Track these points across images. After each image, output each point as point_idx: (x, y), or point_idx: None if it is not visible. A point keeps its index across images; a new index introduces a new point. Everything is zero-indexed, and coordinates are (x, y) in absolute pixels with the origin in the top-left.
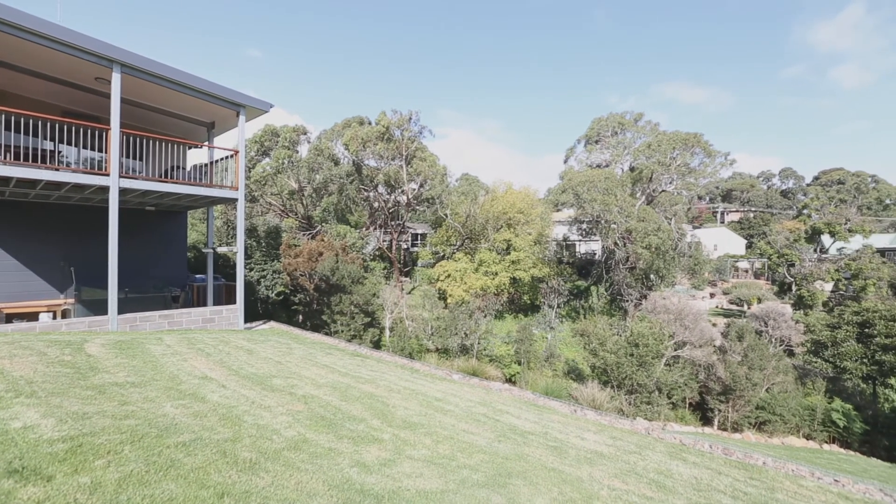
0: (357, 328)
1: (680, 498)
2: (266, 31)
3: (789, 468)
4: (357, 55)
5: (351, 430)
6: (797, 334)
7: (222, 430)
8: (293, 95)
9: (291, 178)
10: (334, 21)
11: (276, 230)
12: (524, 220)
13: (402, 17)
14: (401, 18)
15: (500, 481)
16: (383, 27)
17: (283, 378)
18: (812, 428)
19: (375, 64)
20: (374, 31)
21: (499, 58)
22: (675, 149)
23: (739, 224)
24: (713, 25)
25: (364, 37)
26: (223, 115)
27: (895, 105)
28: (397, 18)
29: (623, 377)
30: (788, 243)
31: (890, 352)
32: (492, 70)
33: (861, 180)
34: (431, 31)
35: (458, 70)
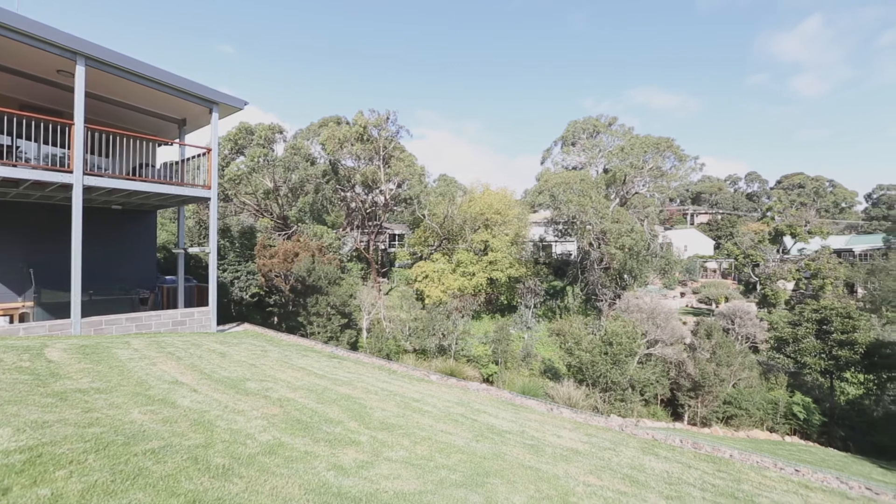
0: (334, 329)
1: (652, 492)
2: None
3: (754, 460)
4: (333, 54)
5: (328, 432)
6: (761, 332)
7: (194, 436)
8: (268, 93)
9: (267, 178)
10: (309, 18)
11: (250, 230)
12: (501, 221)
13: (378, 16)
14: (377, 18)
15: (478, 480)
16: (360, 26)
17: (258, 381)
18: (775, 421)
19: (352, 63)
20: (350, 30)
21: (477, 59)
22: (647, 152)
23: (708, 226)
24: (682, 34)
25: (340, 35)
26: (195, 112)
27: (850, 114)
28: (374, 17)
29: (598, 375)
30: (753, 244)
31: (845, 347)
32: (470, 71)
33: (820, 185)
34: (408, 31)
35: (436, 70)
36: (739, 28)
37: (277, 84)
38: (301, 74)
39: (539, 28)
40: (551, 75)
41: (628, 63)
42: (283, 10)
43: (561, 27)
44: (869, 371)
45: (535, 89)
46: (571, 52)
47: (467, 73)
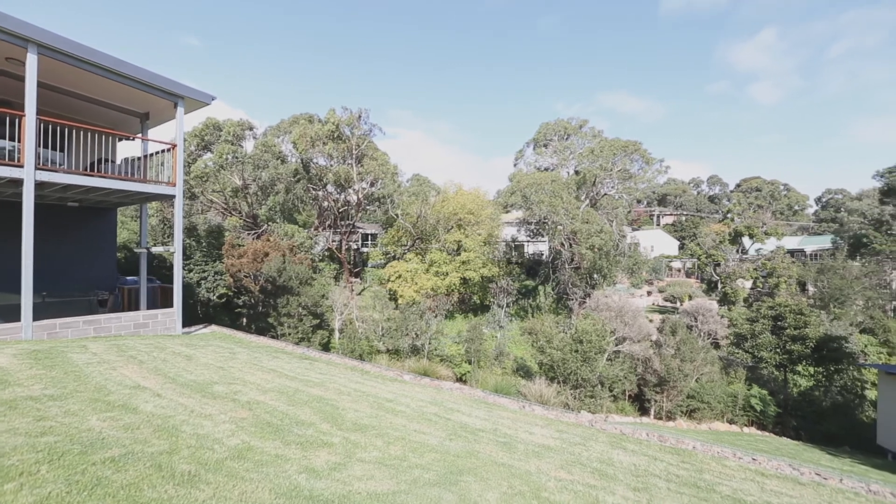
0: (305, 330)
1: (620, 484)
2: (204, 17)
3: (715, 451)
4: (304, 50)
5: (299, 435)
6: (722, 328)
7: (157, 443)
8: (236, 89)
9: (235, 175)
10: (279, 12)
11: (218, 229)
12: (474, 221)
13: (348, 14)
14: (347, 16)
15: (452, 479)
16: (330, 23)
17: (226, 384)
18: (734, 413)
19: (323, 61)
20: (320, 27)
21: (450, 59)
22: (616, 155)
23: (673, 226)
24: (648, 41)
25: (311, 32)
26: (159, 105)
27: (802, 121)
28: (344, 16)
29: (569, 373)
30: (715, 244)
31: (798, 342)
32: (443, 71)
33: (775, 188)
34: (380, 30)
35: (410, 70)
36: (701, 36)
37: (246, 79)
38: (271, 71)
39: (511, 30)
40: (524, 77)
41: (598, 67)
42: (251, 1)
43: (532, 30)
44: (818, 364)
45: (508, 91)
46: (543, 56)
47: (441, 74)
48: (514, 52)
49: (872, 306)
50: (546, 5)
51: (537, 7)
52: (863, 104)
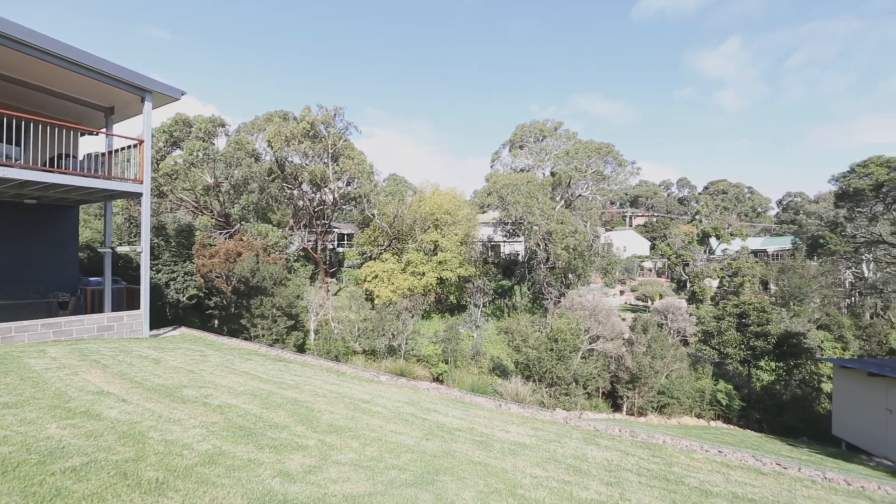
0: (280, 332)
1: (593, 479)
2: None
3: (683, 444)
4: (278, 47)
5: (273, 438)
6: (691, 326)
7: (122, 450)
8: (207, 84)
9: (206, 173)
10: (252, 9)
11: (188, 228)
12: (451, 221)
13: (326, 12)
14: (325, 14)
15: (429, 479)
16: (306, 21)
17: (196, 388)
18: (702, 408)
19: (298, 58)
20: (296, 24)
21: (426, 59)
22: (590, 157)
23: (644, 227)
24: (620, 46)
25: (286, 29)
26: (125, 99)
27: (765, 127)
28: (321, 14)
29: (544, 371)
30: (684, 245)
31: (761, 338)
32: (419, 71)
33: (740, 191)
34: (355, 29)
35: (385, 69)
36: (670, 43)
37: (217, 75)
38: (243, 67)
39: (486, 32)
40: (499, 79)
41: (572, 70)
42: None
43: (507, 32)
44: (779, 359)
45: (484, 92)
46: (518, 57)
47: (416, 73)
48: (490, 53)
49: (828, 304)
50: (521, 8)
51: (512, 9)
52: (820, 112)
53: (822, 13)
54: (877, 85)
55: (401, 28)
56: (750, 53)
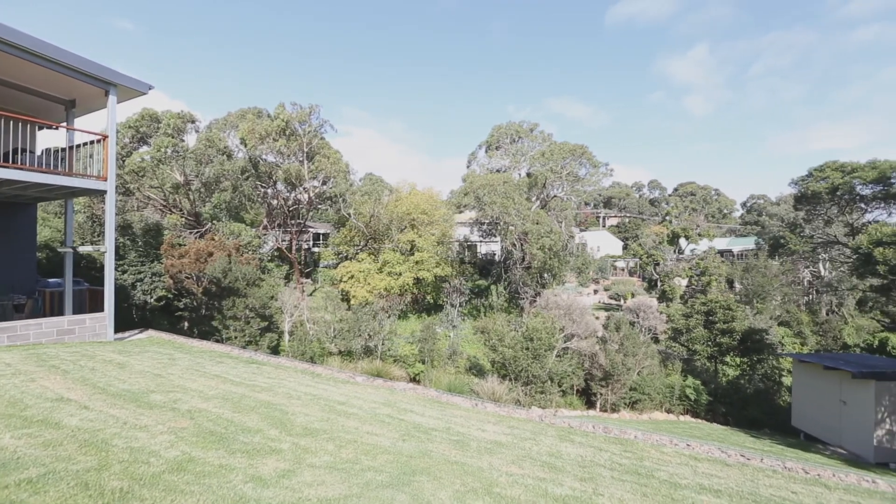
0: (253, 333)
1: (568, 475)
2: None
3: (654, 439)
4: (251, 42)
5: (245, 442)
6: (661, 324)
7: (84, 459)
8: (175, 79)
9: (176, 171)
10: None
11: (156, 227)
12: (428, 221)
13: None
14: (300, 11)
15: (405, 480)
16: (280, 17)
17: (164, 392)
18: (672, 403)
19: (272, 55)
20: (269, 21)
21: (403, 58)
22: (565, 158)
23: (617, 228)
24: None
25: (259, 25)
26: (87, 92)
27: (730, 132)
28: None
29: (520, 370)
30: (655, 245)
31: (726, 335)
32: (397, 70)
33: (707, 193)
34: (332, 27)
35: (361, 68)
36: (641, 49)
37: (186, 70)
38: (213, 61)
39: (463, 33)
40: (476, 79)
41: (547, 73)
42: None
43: (484, 34)
44: (744, 355)
45: (461, 92)
46: (495, 59)
47: (395, 73)
48: (467, 54)
49: (788, 301)
50: (497, 10)
51: (489, 11)
52: (779, 118)
53: (780, 24)
54: (830, 94)
55: (379, 27)
56: (716, 60)
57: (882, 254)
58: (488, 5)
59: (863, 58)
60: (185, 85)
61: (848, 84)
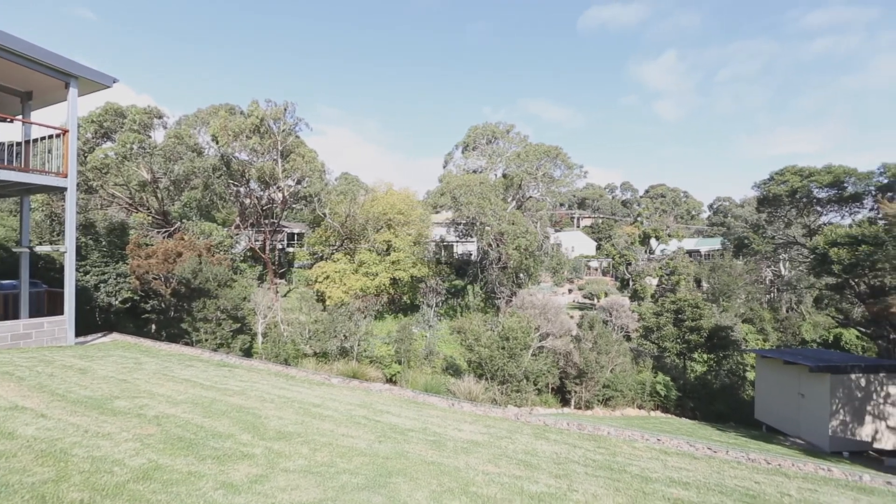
0: (224, 336)
1: (543, 473)
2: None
3: (626, 435)
4: (221, 37)
5: (216, 448)
6: (633, 322)
7: (40, 471)
8: (141, 73)
9: (143, 168)
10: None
11: (121, 227)
12: (404, 221)
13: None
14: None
15: (381, 481)
16: (253, 13)
17: (129, 398)
18: (643, 399)
19: (244, 52)
20: (241, 15)
21: (380, 58)
22: (540, 159)
23: (591, 228)
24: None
25: (230, 20)
26: (46, 84)
27: (698, 136)
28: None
29: (496, 369)
30: (627, 245)
31: (694, 332)
32: (371, 70)
33: (677, 195)
34: (307, 25)
35: (337, 66)
36: (614, 53)
37: (153, 63)
38: (182, 56)
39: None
40: (453, 80)
41: (522, 74)
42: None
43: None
44: (710, 351)
45: (437, 92)
46: (471, 60)
47: (369, 72)
48: (443, 54)
49: (752, 299)
50: (474, 12)
51: (466, 12)
52: (744, 123)
53: (745, 33)
54: (790, 101)
55: (354, 26)
56: (685, 67)
57: (837, 254)
58: (464, 6)
59: (820, 68)
60: (153, 80)
61: (807, 92)
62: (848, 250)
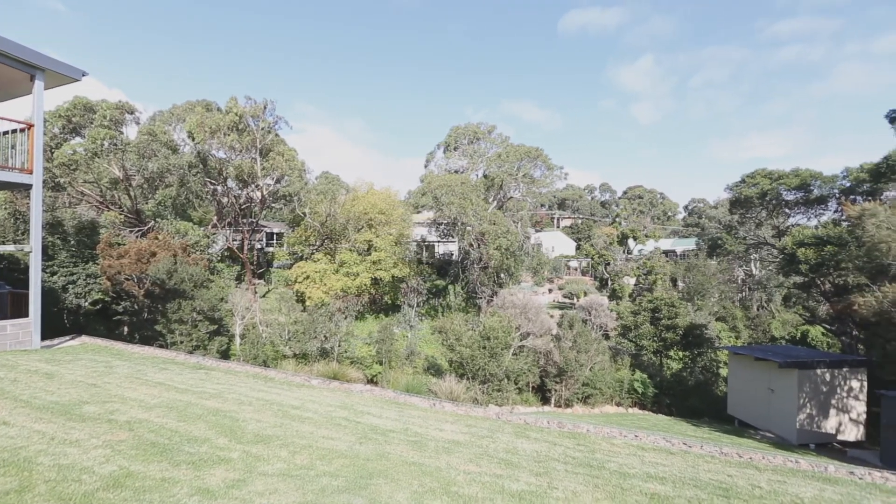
0: (201, 338)
1: (524, 471)
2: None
3: (605, 432)
4: (197, 33)
5: (191, 453)
6: (612, 321)
7: (2, 481)
8: (112, 67)
9: (115, 165)
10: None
11: (91, 225)
12: (385, 221)
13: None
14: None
15: (362, 483)
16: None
17: (99, 403)
18: (621, 396)
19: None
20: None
21: (359, 57)
22: (521, 160)
23: (571, 229)
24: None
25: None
26: (9, 77)
27: (674, 138)
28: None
29: (477, 369)
30: (606, 245)
31: (671, 330)
32: (352, 68)
33: (653, 196)
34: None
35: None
36: (593, 57)
37: (125, 57)
38: (157, 49)
39: (421, 33)
40: (435, 80)
41: (504, 76)
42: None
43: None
44: (685, 349)
45: (419, 92)
46: (453, 60)
47: (350, 71)
48: (426, 54)
49: (725, 298)
50: (455, 12)
51: (447, 12)
52: (717, 127)
53: (716, 39)
54: (760, 107)
55: (335, 24)
56: (661, 71)
57: (804, 254)
58: (445, 6)
59: (787, 75)
60: (125, 74)
61: (775, 98)
62: (814, 250)
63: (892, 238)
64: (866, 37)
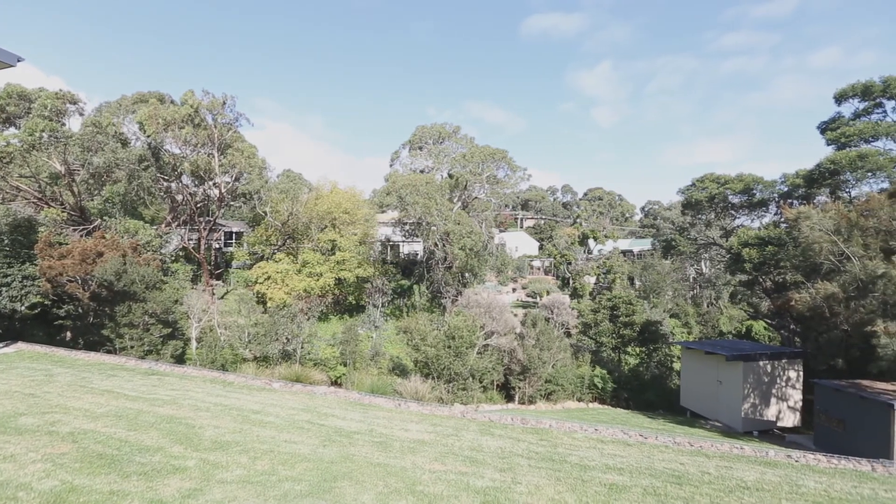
0: (153, 342)
1: (488, 468)
2: None
3: (567, 427)
4: (150, 22)
5: (143, 463)
6: (573, 319)
7: None
8: (50, 51)
9: (55, 159)
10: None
11: (28, 223)
12: (350, 221)
13: None
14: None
15: (326, 486)
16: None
17: (38, 415)
18: (582, 392)
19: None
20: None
21: (320, 53)
22: (485, 161)
23: (534, 229)
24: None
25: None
26: None
27: (631, 142)
28: None
29: (442, 368)
30: (567, 245)
31: (628, 327)
32: (313, 65)
33: (612, 198)
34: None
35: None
36: (554, 61)
37: (66, 41)
38: (100, 35)
39: (384, 31)
40: (397, 79)
41: (466, 77)
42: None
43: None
44: (642, 345)
45: (382, 91)
46: (416, 59)
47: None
48: (388, 52)
49: (678, 296)
50: (419, 10)
51: (411, 11)
52: (670, 133)
53: (670, 49)
54: (709, 114)
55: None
56: (619, 77)
57: (748, 254)
58: (408, 5)
59: (732, 85)
60: (66, 62)
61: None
62: (757, 250)
63: (824, 239)
64: (801, 52)
